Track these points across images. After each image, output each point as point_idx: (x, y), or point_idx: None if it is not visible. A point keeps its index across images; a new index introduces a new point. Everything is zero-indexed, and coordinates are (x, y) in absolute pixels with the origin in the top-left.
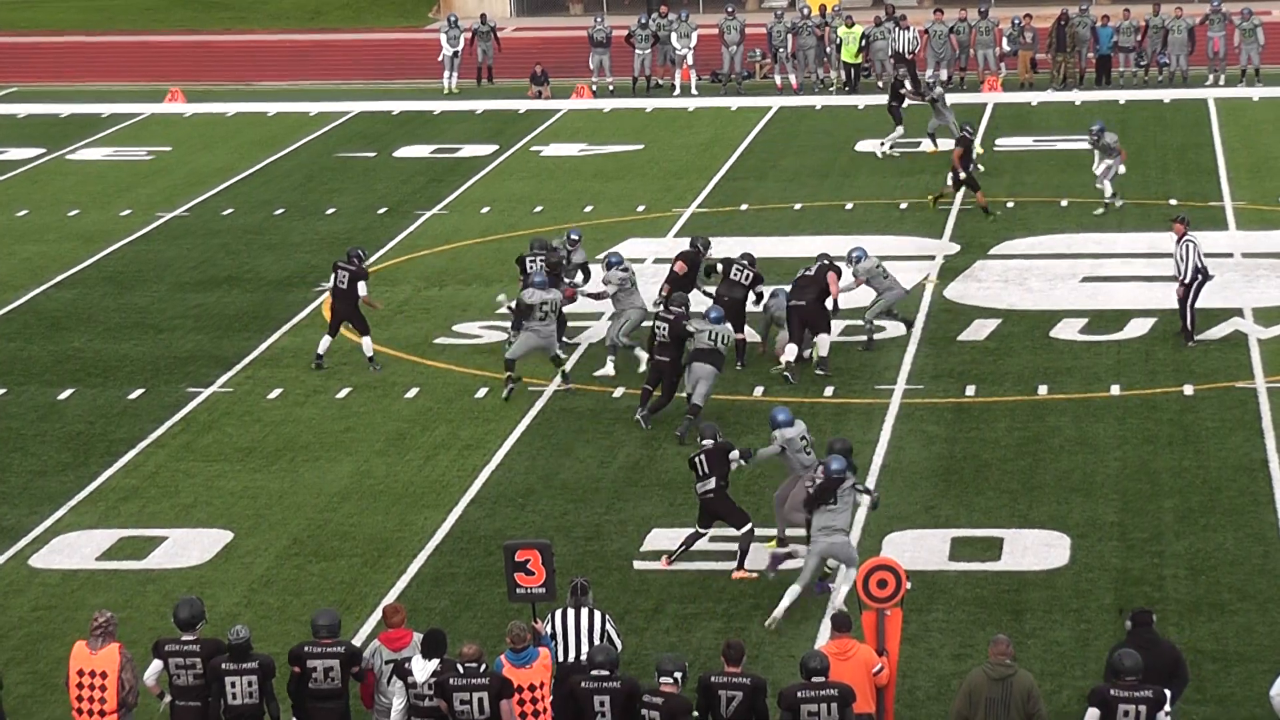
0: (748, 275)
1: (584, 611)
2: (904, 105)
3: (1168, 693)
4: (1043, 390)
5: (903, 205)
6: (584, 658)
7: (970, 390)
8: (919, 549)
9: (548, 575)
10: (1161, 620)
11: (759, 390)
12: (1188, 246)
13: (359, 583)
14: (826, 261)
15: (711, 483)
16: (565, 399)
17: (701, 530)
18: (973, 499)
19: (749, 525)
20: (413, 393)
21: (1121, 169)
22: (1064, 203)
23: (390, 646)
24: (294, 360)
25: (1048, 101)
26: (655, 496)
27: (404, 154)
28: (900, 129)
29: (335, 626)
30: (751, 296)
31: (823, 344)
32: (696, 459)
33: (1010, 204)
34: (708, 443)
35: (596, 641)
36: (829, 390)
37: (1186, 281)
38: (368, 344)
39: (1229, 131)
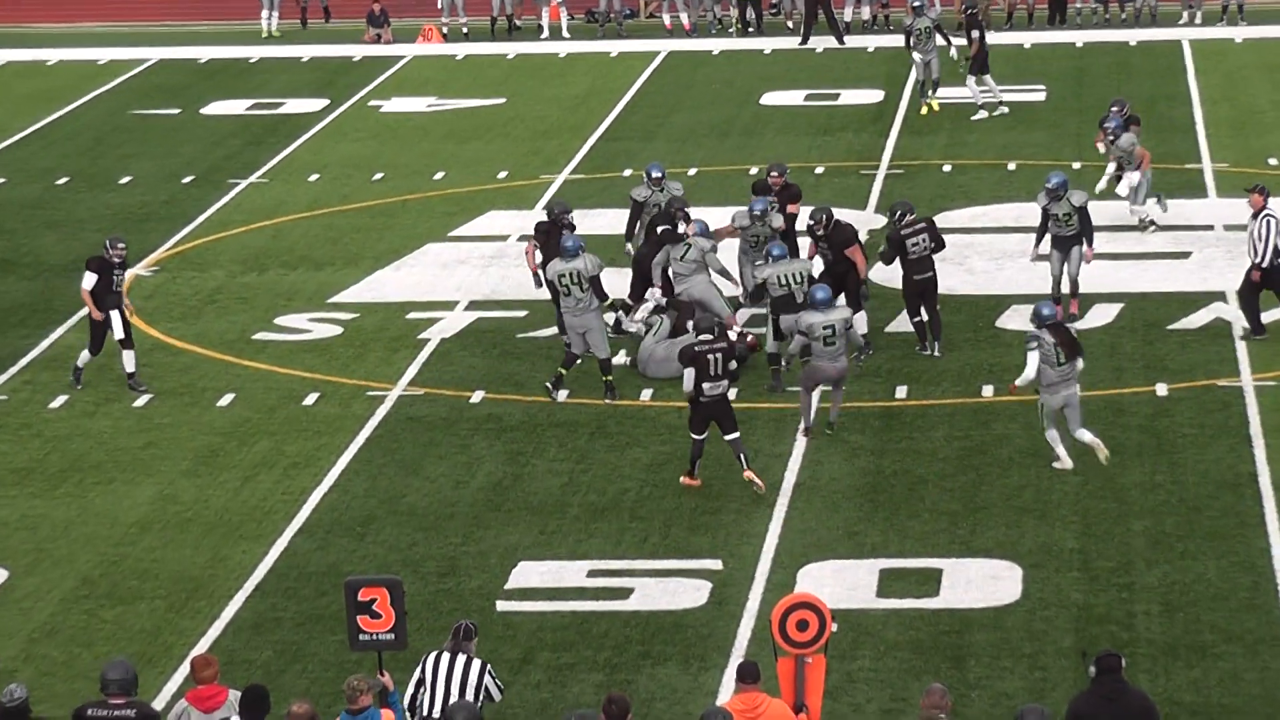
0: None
1: (460, 658)
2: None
3: None
4: (988, 391)
5: (818, 169)
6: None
7: (901, 392)
8: (841, 583)
9: (397, 618)
10: (1131, 666)
11: (646, 394)
12: (1268, 223)
13: (163, 630)
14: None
15: (723, 385)
16: (412, 405)
17: (696, 436)
18: (905, 523)
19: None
20: (227, 400)
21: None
22: (1011, 166)
23: (200, 706)
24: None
25: (992, 45)
26: (522, 523)
27: (214, 110)
28: (990, 79)
29: (129, 681)
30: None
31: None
32: (711, 356)
33: (947, 168)
34: (707, 336)
35: (470, 696)
36: (731, 394)
37: (1263, 265)
38: (86, 357)
39: (1207, 80)
